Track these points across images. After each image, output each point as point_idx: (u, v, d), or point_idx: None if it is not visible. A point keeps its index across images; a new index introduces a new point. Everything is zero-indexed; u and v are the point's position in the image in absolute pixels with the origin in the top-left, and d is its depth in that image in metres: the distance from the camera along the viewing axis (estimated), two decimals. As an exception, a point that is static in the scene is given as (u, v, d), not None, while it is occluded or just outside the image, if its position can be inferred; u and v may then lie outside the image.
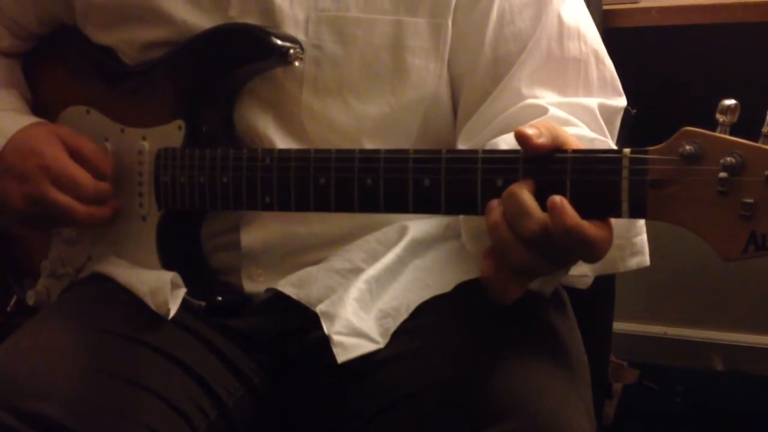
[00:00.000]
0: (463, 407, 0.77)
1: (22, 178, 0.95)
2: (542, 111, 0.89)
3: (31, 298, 1.08)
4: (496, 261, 0.74)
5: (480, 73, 0.94)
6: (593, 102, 0.92)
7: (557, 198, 0.70)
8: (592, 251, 0.72)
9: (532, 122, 0.76)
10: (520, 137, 0.72)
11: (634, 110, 1.25)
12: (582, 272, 0.84)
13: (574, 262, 0.78)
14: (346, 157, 0.83)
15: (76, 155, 0.97)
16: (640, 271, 0.87)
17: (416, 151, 0.79)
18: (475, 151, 0.77)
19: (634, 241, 0.84)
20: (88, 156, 0.98)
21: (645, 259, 0.85)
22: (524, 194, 0.72)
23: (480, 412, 0.76)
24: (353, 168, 0.82)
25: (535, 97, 0.92)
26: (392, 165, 0.80)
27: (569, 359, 0.85)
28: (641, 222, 0.83)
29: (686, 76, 1.65)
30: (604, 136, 0.90)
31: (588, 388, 0.87)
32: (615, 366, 1.93)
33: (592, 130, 0.89)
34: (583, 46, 0.94)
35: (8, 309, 1.15)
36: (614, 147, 0.86)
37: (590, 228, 0.70)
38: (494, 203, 0.74)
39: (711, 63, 1.63)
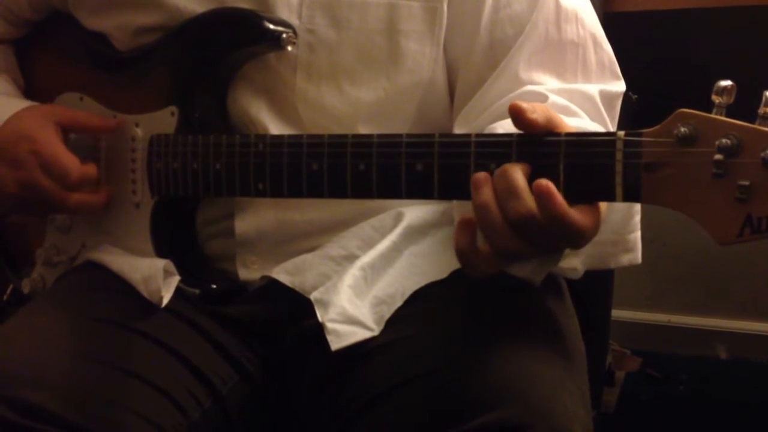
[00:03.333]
0: (457, 394, 0.77)
1: (15, 164, 0.95)
2: (542, 98, 0.88)
3: (26, 287, 1.08)
4: (471, 234, 0.73)
5: (476, 57, 0.93)
6: (594, 89, 0.91)
7: (543, 182, 0.69)
8: (576, 238, 0.71)
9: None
10: (514, 110, 0.71)
11: (636, 95, 1.24)
12: (572, 265, 0.84)
13: (560, 248, 0.77)
14: (338, 143, 0.82)
15: (71, 129, 0.97)
16: (644, 259, 0.87)
17: (409, 136, 0.79)
18: (467, 135, 0.76)
19: (628, 238, 0.83)
20: (83, 122, 0.97)
21: (637, 257, 0.85)
22: (517, 174, 0.71)
23: (475, 399, 0.75)
24: (346, 153, 0.81)
25: (533, 81, 0.91)
26: (385, 150, 0.79)
27: (565, 346, 0.85)
28: (636, 219, 0.83)
29: (688, 59, 1.63)
30: (604, 124, 0.89)
31: (584, 376, 0.86)
32: (618, 354, 1.93)
33: (592, 117, 0.88)
34: (580, 30, 0.94)
35: (4, 298, 1.15)
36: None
37: (575, 214, 0.70)
38: (481, 177, 0.72)
39: (712, 46, 1.61)
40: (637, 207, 0.83)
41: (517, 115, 0.71)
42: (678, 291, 2.15)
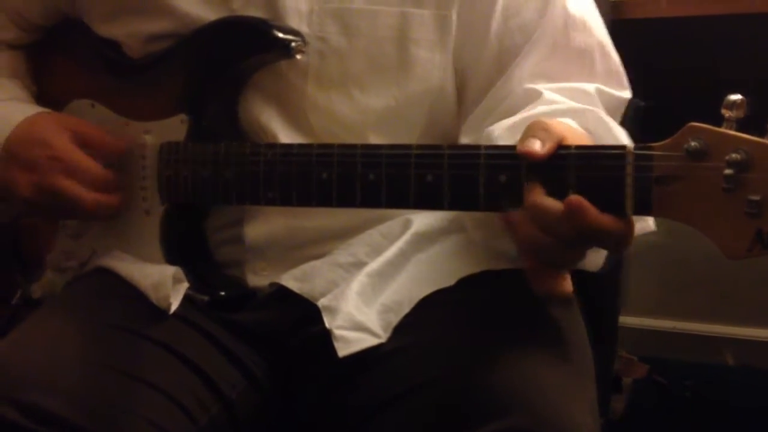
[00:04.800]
0: (464, 402, 0.77)
1: (30, 168, 0.95)
2: (537, 95, 0.88)
3: (36, 291, 1.08)
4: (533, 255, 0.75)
5: (485, 65, 0.93)
6: (591, 87, 0.91)
7: (573, 198, 0.69)
8: (617, 242, 0.72)
9: (525, 132, 0.75)
10: (525, 155, 0.72)
11: (643, 103, 1.24)
12: None
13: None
14: (348, 152, 0.82)
15: (83, 142, 0.97)
16: (651, 266, 0.86)
17: (418, 147, 0.79)
18: (477, 147, 0.76)
19: None
20: (97, 139, 0.98)
21: (649, 224, 0.83)
22: (546, 201, 0.71)
23: (482, 407, 0.75)
24: (355, 163, 0.81)
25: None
26: (394, 160, 0.80)
27: (573, 353, 0.85)
28: None
29: (696, 67, 1.63)
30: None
31: (592, 383, 0.86)
32: (625, 361, 1.93)
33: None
34: (588, 38, 0.94)
35: (13, 302, 1.15)
36: (604, 117, 0.85)
37: (609, 221, 0.70)
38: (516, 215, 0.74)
39: (721, 54, 1.61)
40: None
41: (530, 157, 0.72)
42: (685, 298, 2.14)
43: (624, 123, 0.95)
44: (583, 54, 0.93)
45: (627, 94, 0.95)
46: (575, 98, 0.88)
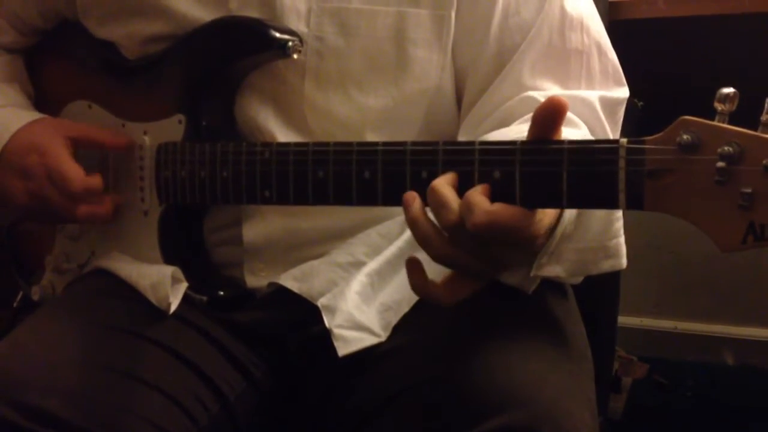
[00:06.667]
0: (464, 399, 0.77)
1: (25, 175, 0.96)
2: (536, 104, 0.88)
3: (35, 294, 1.09)
4: (420, 271, 0.75)
5: (484, 65, 0.93)
6: (593, 95, 0.91)
7: (470, 191, 0.70)
8: (516, 237, 0.70)
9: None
10: (556, 106, 0.71)
11: (641, 103, 1.24)
12: (554, 273, 0.82)
13: (504, 255, 0.74)
14: (344, 150, 0.82)
15: (80, 145, 0.98)
16: (651, 266, 0.86)
17: (414, 144, 0.79)
18: (471, 143, 0.76)
19: (608, 245, 0.82)
20: (95, 139, 0.98)
21: (620, 262, 0.83)
22: (445, 188, 0.72)
23: (481, 404, 0.75)
24: (351, 161, 0.81)
25: (536, 88, 0.91)
26: (390, 158, 0.80)
27: (571, 352, 0.85)
28: (617, 225, 0.82)
29: (693, 67, 1.63)
30: (603, 131, 0.89)
31: (591, 381, 0.86)
32: (625, 361, 1.93)
33: (592, 124, 0.88)
34: (585, 38, 0.94)
35: (14, 304, 1.16)
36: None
37: (502, 210, 0.69)
38: (411, 196, 0.74)
39: (718, 54, 1.61)
40: (618, 214, 0.82)
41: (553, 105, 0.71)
42: (685, 298, 2.14)
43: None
44: (580, 54, 0.93)
45: (625, 92, 0.95)
46: (576, 108, 0.88)
